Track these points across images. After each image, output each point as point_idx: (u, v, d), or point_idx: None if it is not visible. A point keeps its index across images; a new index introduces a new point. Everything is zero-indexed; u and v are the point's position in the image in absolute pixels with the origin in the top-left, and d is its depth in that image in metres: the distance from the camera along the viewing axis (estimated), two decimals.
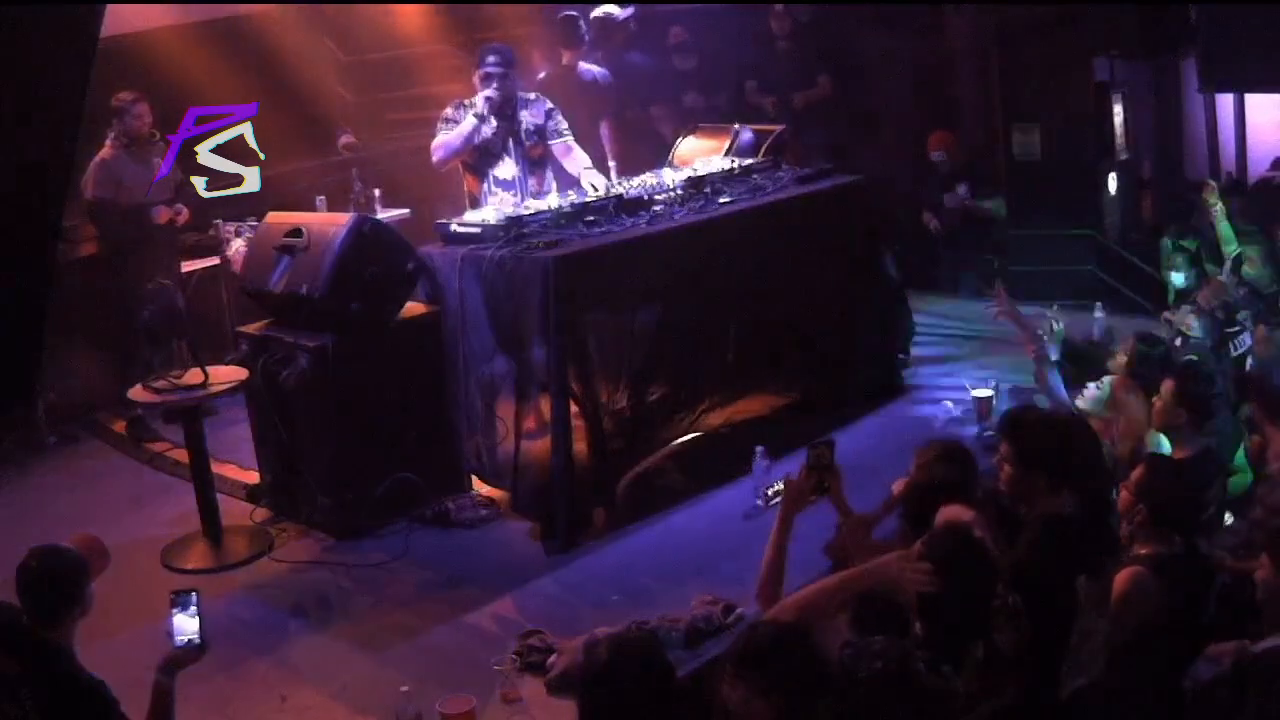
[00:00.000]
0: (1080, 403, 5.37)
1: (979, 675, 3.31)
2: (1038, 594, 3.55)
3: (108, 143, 7.07)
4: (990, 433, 5.64)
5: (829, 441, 4.12)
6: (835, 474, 4.06)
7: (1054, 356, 5.69)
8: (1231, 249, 6.94)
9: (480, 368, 5.91)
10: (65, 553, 3.87)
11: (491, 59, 6.46)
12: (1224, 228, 6.98)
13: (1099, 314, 7.20)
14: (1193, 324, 6.15)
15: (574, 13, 8.33)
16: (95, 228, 7.31)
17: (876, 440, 6.33)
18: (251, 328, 6.12)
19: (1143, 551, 3.94)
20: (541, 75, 8.30)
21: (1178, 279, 7.28)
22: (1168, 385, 4.87)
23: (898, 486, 4.28)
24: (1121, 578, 3.82)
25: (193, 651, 3.82)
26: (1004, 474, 4.17)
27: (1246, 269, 7.04)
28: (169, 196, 7.20)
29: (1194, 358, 5.41)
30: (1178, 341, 5.99)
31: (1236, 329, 6.24)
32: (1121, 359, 5.49)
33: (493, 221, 5.98)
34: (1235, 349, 6.15)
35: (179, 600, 3.82)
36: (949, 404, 6.59)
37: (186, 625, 3.82)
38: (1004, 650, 3.37)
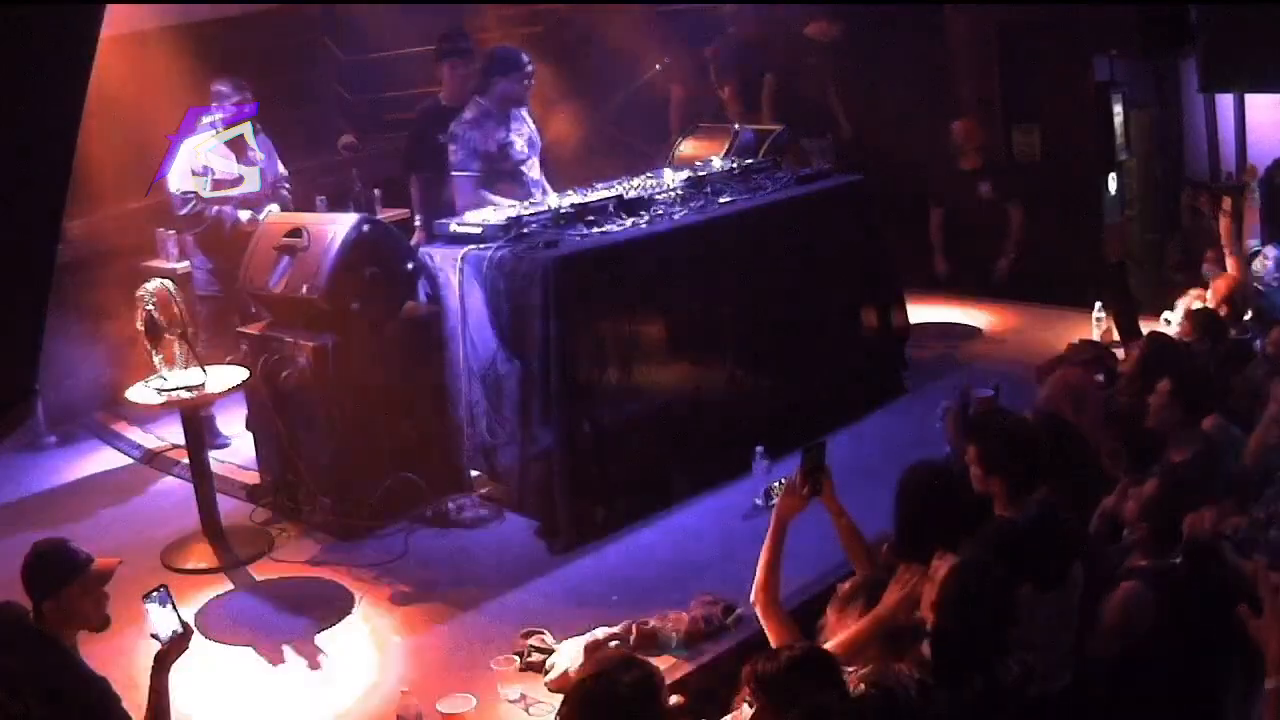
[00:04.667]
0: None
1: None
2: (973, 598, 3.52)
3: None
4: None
5: (819, 444, 4.13)
6: (826, 475, 4.07)
7: None
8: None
9: (482, 367, 5.91)
10: (66, 544, 3.93)
11: None
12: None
13: (1099, 314, 7.21)
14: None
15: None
16: (179, 223, 6.97)
17: (876, 441, 6.33)
18: (251, 328, 6.12)
19: (1142, 564, 3.94)
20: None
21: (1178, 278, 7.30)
22: (1163, 385, 4.86)
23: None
24: (1118, 594, 3.82)
25: (179, 641, 3.87)
26: (974, 475, 4.19)
27: (1256, 266, 7.06)
28: (269, 192, 6.95)
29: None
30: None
31: (1249, 335, 6.24)
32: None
33: (493, 221, 5.98)
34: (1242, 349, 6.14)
35: (151, 598, 3.89)
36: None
37: (165, 620, 3.88)
38: (1001, 681, 3.38)
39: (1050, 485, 4.15)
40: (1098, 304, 7.28)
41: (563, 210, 6.11)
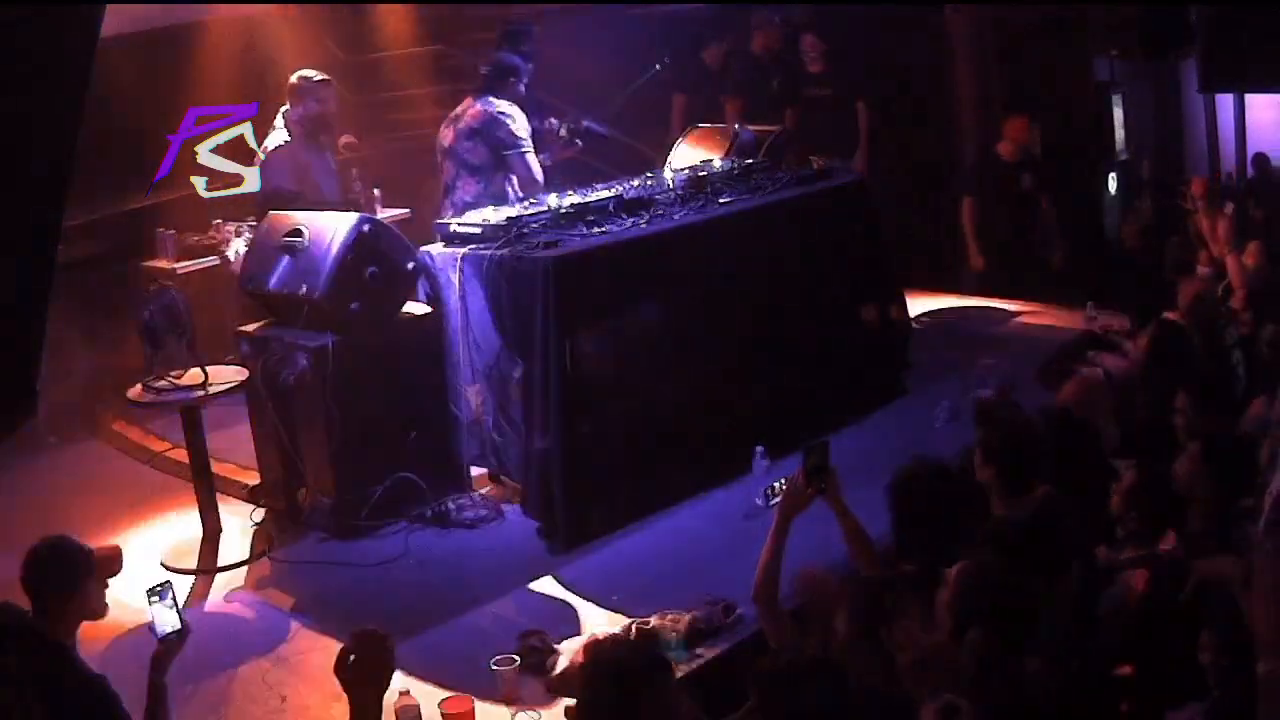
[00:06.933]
0: None
1: None
2: (990, 600, 3.52)
3: (284, 128, 6.63)
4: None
5: (823, 443, 4.13)
6: (830, 475, 4.07)
7: None
8: None
9: (487, 367, 5.91)
10: (70, 542, 3.93)
11: None
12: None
13: (1091, 313, 7.23)
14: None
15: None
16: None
17: (877, 441, 6.32)
18: (251, 328, 6.12)
19: (1131, 555, 3.95)
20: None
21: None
22: (1181, 399, 4.83)
23: None
24: (1111, 589, 3.83)
25: (177, 639, 3.88)
26: (977, 463, 4.21)
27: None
28: (342, 198, 6.85)
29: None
30: None
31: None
32: None
33: (493, 221, 5.98)
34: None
35: (155, 593, 3.89)
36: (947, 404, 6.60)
37: (167, 617, 3.89)
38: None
39: (1053, 483, 4.16)
40: (1089, 303, 7.30)
41: (563, 210, 6.11)
